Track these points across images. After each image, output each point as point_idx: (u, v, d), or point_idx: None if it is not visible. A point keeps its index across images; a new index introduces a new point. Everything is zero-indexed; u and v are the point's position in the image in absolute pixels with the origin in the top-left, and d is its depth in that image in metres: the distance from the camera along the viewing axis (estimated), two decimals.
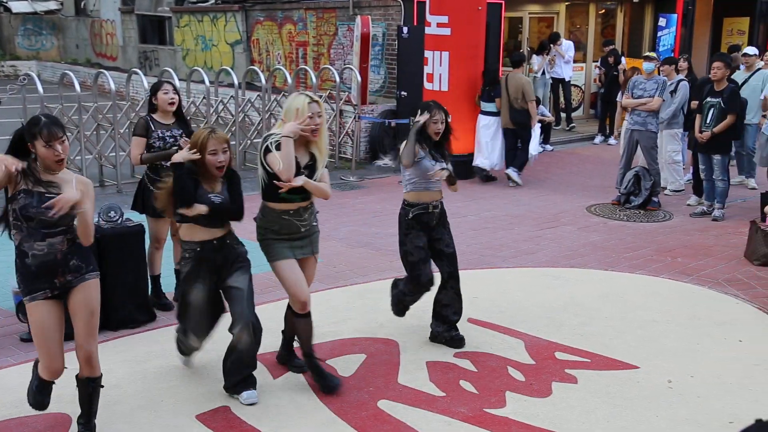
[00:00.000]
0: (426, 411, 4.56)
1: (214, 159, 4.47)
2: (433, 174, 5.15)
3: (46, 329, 3.96)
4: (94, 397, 4.18)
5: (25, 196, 3.84)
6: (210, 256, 4.52)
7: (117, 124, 10.60)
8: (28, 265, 3.92)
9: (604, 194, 10.26)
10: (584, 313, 6.10)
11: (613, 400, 4.71)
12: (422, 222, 5.24)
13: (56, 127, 3.88)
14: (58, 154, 3.87)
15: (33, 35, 27.08)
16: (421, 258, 5.25)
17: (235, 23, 18.46)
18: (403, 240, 5.30)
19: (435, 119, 5.20)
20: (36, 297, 3.94)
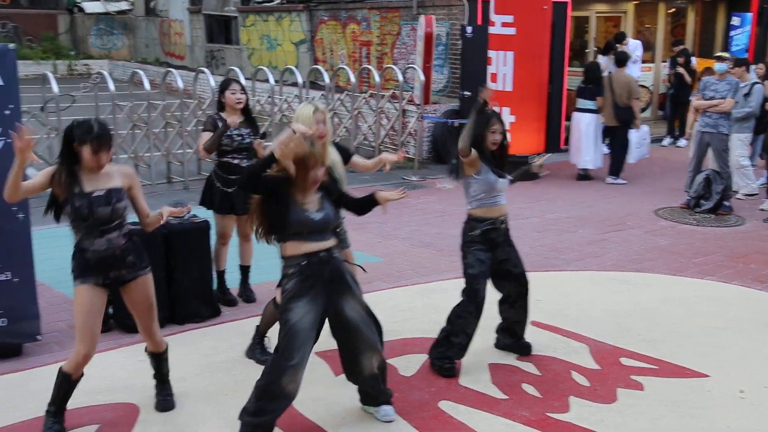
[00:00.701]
0: (488, 413, 4.52)
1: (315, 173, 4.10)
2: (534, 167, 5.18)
3: (92, 312, 4.12)
4: (163, 365, 4.55)
5: (77, 198, 4.02)
6: (318, 270, 4.11)
7: (184, 122, 10.80)
8: (86, 259, 4.10)
9: (673, 197, 10.03)
10: (651, 319, 5.97)
11: (681, 409, 4.59)
12: (489, 239, 5.02)
13: (105, 139, 4.04)
14: (101, 164, 4.06)
15: (105, 35, 27.82)
16: (482, 271, 5.00)
17: (299, 23, 18.63)
18: (465, 251, 5.06)
19: (494, 129, 4.96)
20: (87, 281, 4.12)
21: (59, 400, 4.23)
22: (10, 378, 4.86)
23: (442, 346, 5.08)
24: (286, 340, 4.04)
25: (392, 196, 4.46)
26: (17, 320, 5.12)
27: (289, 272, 4.12)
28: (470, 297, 5.01)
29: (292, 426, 4.35)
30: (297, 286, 4.08)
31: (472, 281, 5.01)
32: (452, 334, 5.05)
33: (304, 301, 4.07)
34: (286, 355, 4.02)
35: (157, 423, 4.36)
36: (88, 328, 4.12)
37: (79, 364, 4.18)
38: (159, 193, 10.10)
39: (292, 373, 4.03)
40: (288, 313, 4.07)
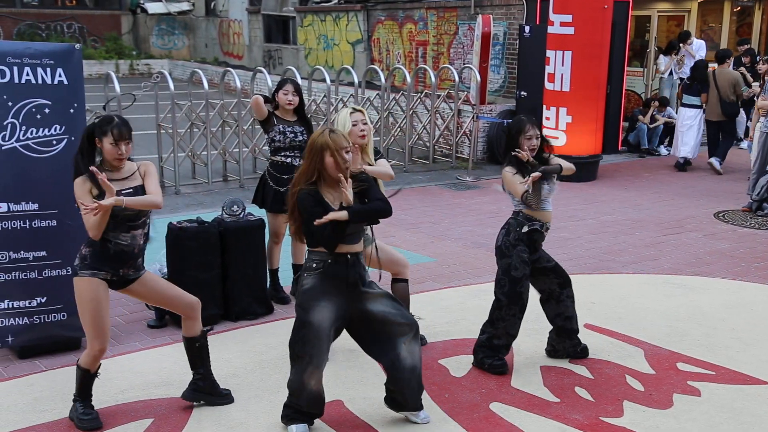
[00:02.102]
0: (539, 416, 4.48)
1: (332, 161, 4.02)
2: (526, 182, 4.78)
3: (102, 306, 4.19)
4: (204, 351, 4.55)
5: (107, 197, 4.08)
6: (343, 272, 4.07)
7: (241, 121, 10.94)
8: (107, 249, 4.16)
9: (734, 200, 9.78)
10: (709, 324, 5.84)
11: (740, 416, 4.48)
12: (531, 239, 4.94)
13: (125, 129, 4.13)
14: (121, 154, 4.12)
15: (166, 35, 28.35)
16: (526, 274, 4.93)
17: (356, 22, 18.72)
18: (509, 250, 4.95)
19: (529, 135, 4.82)
20: (97, 274, 4.18)
21: (82, 391, 4.33)
22: (69, 370, 4.97)
23: (486, 348, 5.05)
24: (304, 337, 4.06)
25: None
26: (77, 314, 5.24)
27: (313, 267, 4.07)
28: (514, 299, 4.94)
29: (343, 424, 4.38)
30: (318, 284, 4.05)
31: (516, 283, 4.93)
32: (495, 337, 5.02)
33: (324, 299, 4.05)
34: (303, 351, 4.07)
35: (210, 418, 4.42)
36: (100, 323, 4.19)
37: (95, 358, 4.27)
38: (215, 192, 10.26)
39: (311, 369, 4.09)
40: (307, 311, 4.05)
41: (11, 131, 4.98)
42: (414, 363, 4.25)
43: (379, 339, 4.25)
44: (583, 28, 10.54)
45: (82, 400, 4.33)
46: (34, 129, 5.02)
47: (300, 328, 4.08)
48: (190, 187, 10.49)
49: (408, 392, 4.30)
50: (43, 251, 5.10)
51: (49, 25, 26.64)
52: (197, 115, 10.84)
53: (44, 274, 5.12)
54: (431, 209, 9.44)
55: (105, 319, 4.21)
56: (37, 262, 5.10)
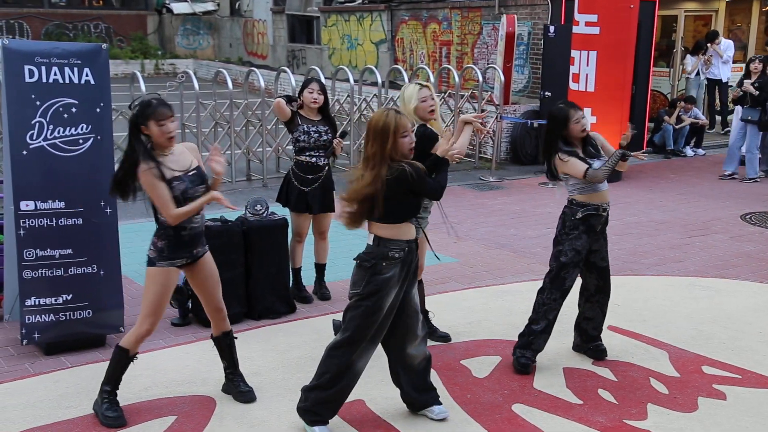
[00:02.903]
0: (562, 418, 4.45)
1: (407, 141, 4.07)
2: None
3: (168, 293, 4.34)
4: (233, 347, 4.65)
5: (179, 181, 4.21)
6: (413, 257, 4.18)
7: (265, 121, 10.98)
8: (182, 236, 4.27)
9: (762, 202, 9.66)
10: (735, 327, 5.77)
11: (767, 421, 4.42)
12: (589, 224, 4.92)
13: (166, 107, 4.20)
14: (170, 131, 4.19)
15: (191, 35, 28.53)
16: (574, 262, 4.94)
17: (380, 22, 18.71)
18: (562, 238, 4.96)
19: (577, 119, 4.90)
20: (175, 263, 4.31)
21: (115, 377, 4.39)
22: (94, 367, 5.03)
23: (524, 336, 5.07)
24: (374, 321, 4.11)
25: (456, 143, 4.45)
26: (102, 311, 5.31)
27: (395, 257, 4.08)
28: (557, 284, 4.97)
29: (364, 423, 4.38)
30: (397, 273, 4.10)
31: (561, 269, 4.96)
32: (534, 321, 5.03)
33: (398, 285, 4.12)
34: (369, 334, 4.14)
35: (233, 416, 4.44)
36: (159, 306, 4.32)
37: (139, 339, 4.35)
38: (239, 191, 10.31)
39: (366, 350, 4.19)
40: (384, 298, 4.09)
41: (39, 130, 5.04)
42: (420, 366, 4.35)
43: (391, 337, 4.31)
44: (609, 28, 10.46)
45: (109, 392, 4.38)
46: (61, 128, 5.08)
47: (373, 313, 4.11)
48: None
49: (413, 390, 4.39)
50: (69, 249, 5.16)
51: (76, 25, 26.91)
52: (221, 115, 10.89)
53: (70, 271, 5.18)
54: (454, 209, 9.41)
55: (165, 305, 4.36)
56: (63, 259, 5.15)
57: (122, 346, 4.37)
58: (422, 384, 4.41)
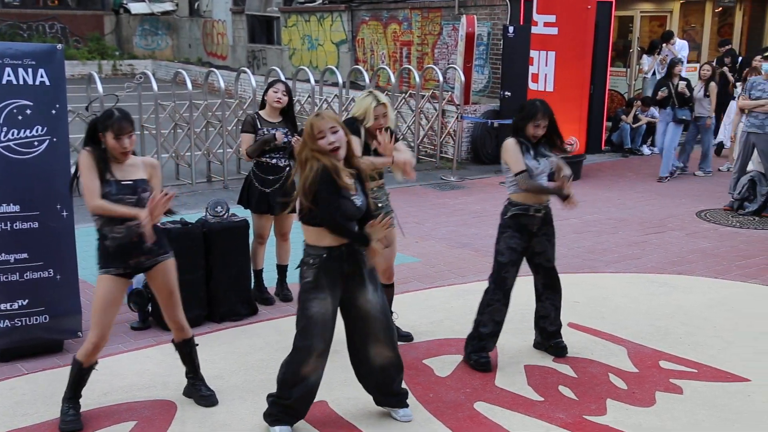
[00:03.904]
0: (523, 415, 4.49)
1: (324, 142, 4.01)
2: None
3: (109, 302, 4.23)
4: (193, 354, 4.59)
5: (105, 184, 4.14)
6: (337, 264, 4.08)
7: (225, 122, 10.91)
8: (106, 246, 4.21)
9: (716, 199, 9.85)
10: (691, 322, 5.88)
11: (722, 413, 4.51)
12: (520, 224, 4.95)
13: (126, 122, 4.15)
14: (124, 147, 4.15)
15: (149, 35, 28.22)
16: (512, 260, 4.97)
17: (341, 23, 18.70)
18: (498, 238, 5.06)
19: (537, 123, 4.89)
20: (109, 271, 4.23)
21: (73, 387, 4.33)
22: (51, 373, 4.95)
23: (474, 339, 5.10)
24: (308, 329, 4.09)
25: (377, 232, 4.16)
26: (59, 317, 5.22)
27: (310, 262, 4.09)
28: (498, 284, 5.01)
29: (327, 424, 4.37)
30: (317, 278, 4.07)
31: (500, 269, 5.00)
32: (481, 324, 5.06)
33: (324, 292, 4.08)
34: (308, 344, 4.10)
35: (194, 420, 4.41)
36: (103, 318, 4.23)
37: (90, 352, 4.28)
38: (199, 192, 10.23)
39: (314, 361, 4.12)
40: (308, 302, 4.08)
41: None
42: (383, 365, 4.30)
43: (354, 338, 4.30)
44: (567, 29, 10.58)
45: (70, 399, 4.32)
46: (15, 130, 4.98)
47: (302, 320, 4.13)
48: (173, 188, 10.33)
49: (376, 391, 4.37)
50: (25, 253, 5.06)
51: (30, 25, 26.46)
52: (181, 116, 10.80)
53: (26, 276, 5.08)
54: (416, 209, 9.45)
55: (108, 314, 4.25)
56: (18, 264, 5.05)
57: (76, 358, 4.32)
58: (387, 389, 4.38)
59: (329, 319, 4.12)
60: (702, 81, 11.24)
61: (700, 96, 11.17)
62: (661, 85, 11.17)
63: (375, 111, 5.05)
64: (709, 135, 11.51)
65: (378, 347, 4.27)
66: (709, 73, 11.26)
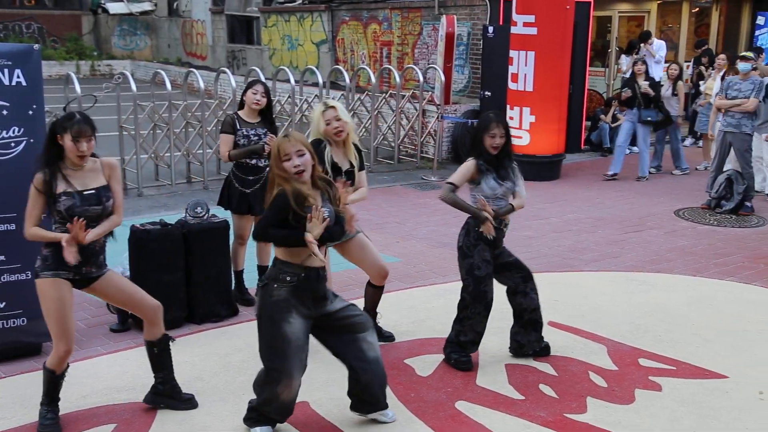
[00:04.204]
0: (504, 414, 4.51)
1: (290, 165, 3.96)
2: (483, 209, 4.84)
3: (67, 306, 4.15)
4: (170, 351, 4.51)
5: (67, 197, 4.07)
6: (314, 286, 4.03)
7: (205, 122, 10.86)
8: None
9: (694, 198, 9.94)
10: (670, 320, 5.93)
11: (700, 410, 4.55)
12: (485, 239, 4.93)
13: (86, 126, 4.07)
14: (82, 151, 4.07)
15: (128, 35, 28.04)
16: (488, 273, 4.96)
17: (321, 23, 18.68)
18: (470, 252, 4.96)
19: (493, 133, 4.83)
20: (60, 275, 4.13)
21: (49, 393, 4.29)
22: (29, 376, 4.91)
23: (454, 344, 5.11)
24: (278, 350, 4.00)
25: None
26: (37, 319, 5.14)
27: (286, 280, 3.98)
28: (478, 298, 4.98)
29: (308, 425, 4.37)
30: (290, 297, 3.99)
31: (479, 283, 4.96)
32: (462, 333, 5.07)
33: (296, 312, 4.00)
34: (283, 366, 4.01)
35: (174, 422, 4.38)
36: (65, 324, 4.14)
37: (61, 359, 4.22)
38: (179, 193, 10.18)
39: (286, 382, 4.03)
40: (281, 324, 3.98)
41: None
42: (377, 354, 4.26)
43: (341, 334, 4.25)
44: (546, 29, 10.63)
45: (48, 404, 4.28)
46: None
47: (272, 340, 4.02)
48: (153, 189, 10.39)
49: (376, 385, 4.29)
50: (2, 255, 5.02)
51: (7, 26, 26.21)
52: (160, 116, 10.73)
53: (2, 278, 5.03)
54: (396, 209, 9.46)
55: (69, 320, 4.17)
56: None
57: (47, 367, 4.26)
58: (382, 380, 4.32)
59: (303, 340, 4.04)
60: (670, 80, 11.36)
61: (668, 95, 11.27)
62: (625, 86, 11.23)
63: (324, 116, 4.97)
64: (677, 134, 11.58)
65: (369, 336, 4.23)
66: (677, 73, 11.36)
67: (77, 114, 4.13)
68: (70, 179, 4.11)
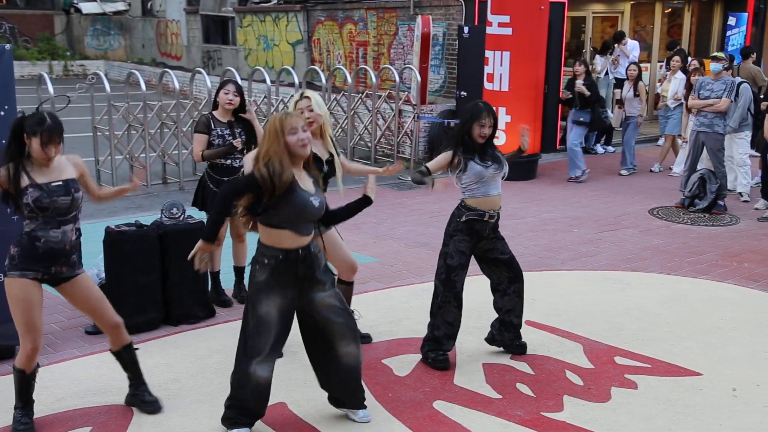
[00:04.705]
0: (482, 413, 4.53)
1: (295, 138, 3.98)
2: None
3: (34, 305, 4.09)
4: (135, 360, 4.47)
5: (34, 189, 4.01)
6: (292, 267, 4.03)
7: (180, 123, 10.80)
8: (36, 248, 4.06)
9: (668, 197, 10.04)
10: (645, 318, 5.98)
11: (675, 407, 4.60)
12: (473, 229, 4.99)
13: (56, 134, 4.00)
14: (50, 156, 4.03)
15: (101, 35, 27.78)
16: (461, 263, 4.99)
17: (296, 23, 18.63)
18: (447, 240, 5.04)
19: (483, 122, 4.91)
20: (27, 274, 4.07)
21: (22, 395, 4.23)
22: (2, 380, 4.84)
23: (430, 341, 5.13)
24: (256, 332, 4.06)
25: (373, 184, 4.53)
26: (9, 322, 5.08)
27: (264, 262, 4.02)
28: (448, 287, 5.02)
29: (286, 426, 4.36)
30: (268, 279, 4.02)
31: (450, 272, 5.00)
32: (435, 327, 5.09)
33: (274, 293, 4.03)
34: (255, 346, 4.06)
35: (151, 425, 4.35)
36: (31, 322, 4.09)
37: (29, 357, 4.16)
38: (154, 194, 10.11)
39: (263, 364, 4.08)
40: (257, 305, 4.04)
41: None
42: (349, 364, 4.28)
43: (316, 340, 4.27)
44: (521, 29, 10.68)
45: (22, 407, 4.23)
46: None
47: (250, 320, 4.08)
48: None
49: (342, 392, 4.35)
50: None
51: None
52: (135, 117, 10.65)
53: None
54: (373, 209, 9.41)
55: (36, 318, 4.10)
56: None
57: (17, 367, 4.21)
58: (353, 388, 4.37)
59: (278, 320, 4.06)
60: (630, 81, 11.39)
61: (630, 96, 11.32)
62: (567, 87, 11.26)
63: (298, 105, 4.99)
64: (632, 134, 11.57)
65: (345, 346, 4.24)
66: (636, 73, 11.38)
67: (48, 118, 4.01)
68: (34, 174, 4.04)
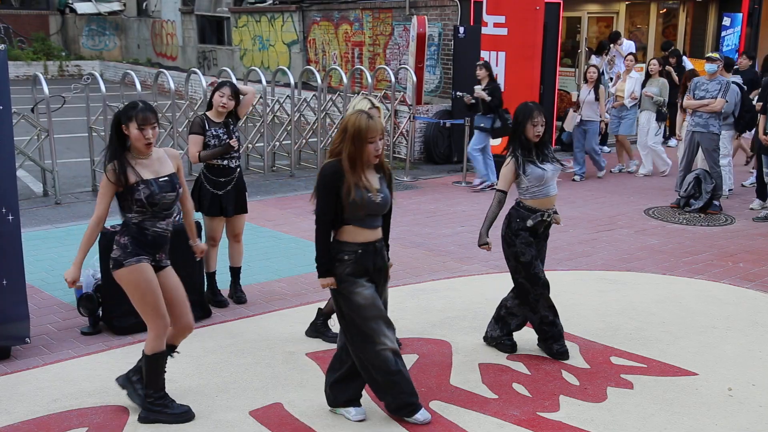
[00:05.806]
0: (478, 413, 4.53)
1: (372, 148, 4.12)
2: None
3: (157, 287, 4.23)
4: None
5: (144, 185, 4.16)
6: (369, 260, 4.23)
7: (176, 123, 10.78)
8: (146, 235, 4.21)
9: (663, 197, 10.06)
10: (641, 318, 5.99)
11: (671, 407, 4.61)
12: (535, 230, 5.11)
13: (150, 113, 4.17)
14: (148, 138, 4.16)
15: (97, 36, 27.73)
16: (533, 255, 5.10)
17: (292, 23, 18.62)
18: (512, 240, 5.11)
19: (536, 121, 5.03)
20: (142, 259, 4.21)
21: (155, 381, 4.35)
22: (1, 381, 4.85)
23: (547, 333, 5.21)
24: (364, 315, 4.19)
25: None
26: (6, 323, 5.10)
27: (345, 259, 4.18)
28: (534, 281, 5.13)
29: (282, 426, 4.35)
30: (354, 271, 4.18)
31: (528, 267, 5.11)
32: (543, 319, 5.19)
33: (363, 279, 4.21)
34: (372, 326, 4.19)
35: (146, 426, 4.34)
36: (159, 303, 4.23)
37: (159, 336, 4.27)
38: None
39: (387, 336, 4.23)
40: (353, 295, 4.18)
41: None
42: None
43: None
44: (516, 29, 10.70)
45: (158, 396, 4.34)
46: None
47: (353, 312, 4.20)
48: None
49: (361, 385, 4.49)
50: None
51: None
52: None
53: None
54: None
55: (157, 299, 4.23)
56: None
57: (150, 354, 4.29)
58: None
59: (378, 302, 4.22)
60: (590, 84, 11.01)
61: (591, 99, 10.98)
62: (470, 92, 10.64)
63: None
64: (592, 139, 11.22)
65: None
66: (595, 76, 11.00)
67: (140, 102, 4.21)
68: (139, 168, 4.18)
